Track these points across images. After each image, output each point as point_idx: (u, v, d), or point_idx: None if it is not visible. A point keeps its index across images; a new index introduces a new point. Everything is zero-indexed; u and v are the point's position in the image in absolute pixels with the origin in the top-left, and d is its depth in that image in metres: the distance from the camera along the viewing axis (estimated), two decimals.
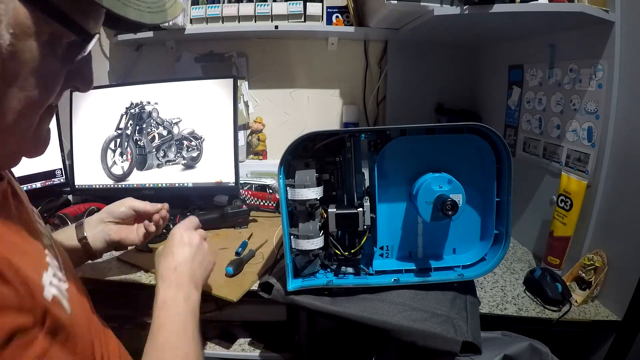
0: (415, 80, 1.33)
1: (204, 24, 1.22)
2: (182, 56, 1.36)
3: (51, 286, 0.37)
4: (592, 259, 0.78)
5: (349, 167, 0.67)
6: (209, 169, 1.16)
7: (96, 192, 1.22)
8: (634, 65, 0.72)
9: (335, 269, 0.71)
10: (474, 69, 1.32)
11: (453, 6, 0.79)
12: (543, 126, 0.96)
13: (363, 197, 0.67)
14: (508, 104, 1.11)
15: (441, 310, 0.63)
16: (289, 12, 1.19)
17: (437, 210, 0.61)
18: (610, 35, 0.74)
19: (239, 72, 1.35)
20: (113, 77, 1.41)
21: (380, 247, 0.71)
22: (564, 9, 0.74)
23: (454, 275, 0.68)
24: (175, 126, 1.18)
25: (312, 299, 0.66)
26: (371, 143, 0.67)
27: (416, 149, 0.67)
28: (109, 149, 1.20)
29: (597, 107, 0.78)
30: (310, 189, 0.62)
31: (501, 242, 0.67)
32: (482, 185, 0.67)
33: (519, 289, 0.83)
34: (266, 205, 1.25)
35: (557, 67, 0.90)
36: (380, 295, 0.66)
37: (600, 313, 0.75)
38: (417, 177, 0.66)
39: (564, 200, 0.84)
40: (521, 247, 1.04)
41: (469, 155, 0.66)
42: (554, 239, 0.87)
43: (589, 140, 0.81)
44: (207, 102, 1.16)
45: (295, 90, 1.39)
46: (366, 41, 1.33)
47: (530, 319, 0.74)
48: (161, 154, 1.19)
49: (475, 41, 1.26)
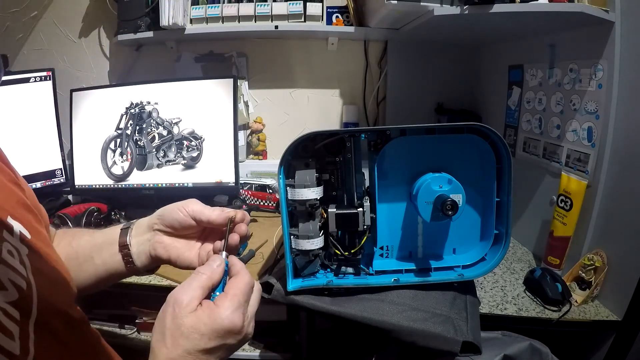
0: (415, 80, 1.33)
1: (204, 24, 1.22)
2: (182, 56, 1.36)
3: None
4: (592, 259, 0.78)
5: (349, 167, 0.67)
6: (209, 169, 1.16)
7: (96, 192, 1.22)
8: (634, 65, 0.72)
9: (335, 269, 0.71)
10: (474, 69, 1.32)
11: (453, 6, 0.79)
12: (543, 126, 0.96)
13: (363, 197, 0.67)
14: (508, 104, 1.11)
15: (441, 310, 0.63)
16: (289, 12, 1.19)
17: (437, 210, 0.61)
18: (610, 35, 0.74)
19: (239, 72, 1.35)
20: (113, 77, 1.41)
21: (380, 247, 0.71)
22: (564, 9, 0.74)
23: (454, 275, 0.68)
24: (175, 126, 1.18)
25: (312, 299, 0.66)
26: (371, 143, 0.67)
27: (416, 149, 0.67)
28: (109, 149, 1.20)
29: (597, 107, 0.78)
30: (310, 189, 0.62)
31: (501, 242, 0.67)
32: (482, 185, 0.67)
33: (519, 289, 0.83)
34: (266, 205, 1.25)
35: (557, 67, 0.90)
36: (380, 295, 0.66)
37: (600, 313, 0.75)
38: (417, 177, 0.65)
39: (564, 200, 0.84)
40: (521, 247, 1.04)
41: (469, 155, 0.66)
42: (554, 239, 0.87)
43: (589, 140, 0.81)
44: (207, 102, 1.16)
45: (295, 90, 1.39)
46: (366, 41, 1.33)
47: (530, 319, 0.75)
48: (161, 154, 1.19)
49: (475, 41, 1.26)
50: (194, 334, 0.37)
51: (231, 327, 0.38)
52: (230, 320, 0.38)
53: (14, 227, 0.38)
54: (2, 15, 1.35)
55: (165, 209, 0.52)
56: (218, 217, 0.50)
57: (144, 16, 1.19)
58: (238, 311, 0.39)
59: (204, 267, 0.42)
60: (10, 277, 0.33)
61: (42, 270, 0.38)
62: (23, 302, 0.33)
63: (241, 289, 0.41)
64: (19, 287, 0.33)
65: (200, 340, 0.37)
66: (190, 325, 0.37)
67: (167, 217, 0.51)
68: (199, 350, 0.37)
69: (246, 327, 0.40)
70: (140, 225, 0.53)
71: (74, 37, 1.38)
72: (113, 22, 1.27)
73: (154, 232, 0.52)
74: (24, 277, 0.35)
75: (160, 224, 0.52)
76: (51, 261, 0.42)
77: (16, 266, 0.34)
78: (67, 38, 1.38)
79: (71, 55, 1.40)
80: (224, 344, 0.38)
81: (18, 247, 0.37)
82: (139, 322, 1.08)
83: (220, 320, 0.38)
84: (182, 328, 0.37)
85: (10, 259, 0.34)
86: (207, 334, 0.37)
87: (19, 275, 0.34)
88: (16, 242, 0.37)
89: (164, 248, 0.52)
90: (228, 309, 0.39)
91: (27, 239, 0.39)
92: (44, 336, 0.34)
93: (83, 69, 1.41)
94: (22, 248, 0.37)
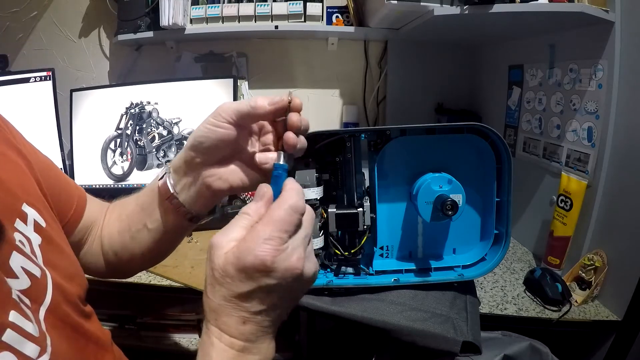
0: (415, 80, 1.33)
1: (204, 24, 1.22)
2: (182, 56, 1.36)
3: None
4: (592, 259, 0.78)
5: (349, 167, 0.67)
6: None
7: (96, 192, 1.22)
8: (634, 65, 0.72)
9: (335, 269, 0.70)
10: (474, 69, 1.32)
11: (453, 6, 0.79)
12: (543, 126, 0.96)
13: (363, 197, 0.67)
14: (508, 104, 1.11)
15: (441, 310, 0.63)
16: (289, 12, 1.19)
17: (437, 210, 0.61)
18: (610, 35, 0.74)
19: (239, 72, 1.35)
20: (113, 77, 1.41)
21: (380, 247, 0.71)
22: (564, 9, 0.74)
23: (454, 275, 0.68)
24: (175, 126, 1.18)
25: (312, 299, 0.66)
26: (371, 143, 0.67)
27: (416, 149, 0.67)
28: (109, 149, 1.20)
29: (597, 107, 0.78)
30: (310, 189, 0.62)
31: (501, 242, 0.67)
32: (482, 185, 0.67)
33: (519, 289, 0.83)
34: None
35: (557, 67, 0.90)
36: (380, 295, 0.66)
37: (600, 313, 0.75)
38: (417, 177, 0.65)
39: (564, 200, 0.84)
40: (521, 247, 1.04)
41: (469, 155, 0.66)
42: (554, 239, 0.87)
43: (589, 140, 0.81)
44: (207, 102, 1.15)
45: (295, 90, 1.38)
46: (366, 41, 1.33)
47: (530, 319, 0.75)
48: (161, 154, 1.19)
49: (475, 41, 1.26)
50: (225, 277, 0.32)
51: (256, 264, 0.31)
52: (255, 256, 0.31)
53: (29, 215, 0.36)
54: (2, 15, 1.35)
55: (196, 134, 0.41)
56: (267, 108, 0.38)
57: (144, 16, 1.19)
58: (268, 243, 0.31)
59: (247, 207, 0.35)
60: (23, 264, 0.32)
61: (54, 261, 0.37)
62: (35, 290, 0.32)
63: (278, 216, 0.32)
64: (31, 275, 0.33)
65: (232, 284, 0.32)
66: (220, 268, 0.32)
67: (204, 143, 0.40)
68: (234, 295, 0.32)
69: (282, 261, 0.31)
70: (178, 169, 0.44)
71: (74, 37, 1.38)
72: (113, 22, 1.27)
73: (197, 168, 0.43)
74: (37, 265, 0.34)
75: (201, 156, 0.42)
76: (64, 252, 0.40)
77: (28, 254, 0.34)
78: (67, 38, 1.38)
79: (71, 55, 1.40)
80: (258, 286, 0.31)
81: (31, 236, 0.35)
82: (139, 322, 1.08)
83: (243, 257, 0.31)
84: (215, 272, 0.32)
85: (22, 247, 0.33)
86: (235, 274, 0.31)
87: (32, 262, 0.33)
88: (29, 232, 0.35)
89: (219, 179, 0.42)
90: (254, 241, 0.31)
91: (42, 227, 0.37)
92: (56, 324, 0.33)
93: (83, 69, 1.41)
94: (35, 237, 0.36)
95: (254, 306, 0.32)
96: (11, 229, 0.33)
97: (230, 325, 0.32)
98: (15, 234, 0.33)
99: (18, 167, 0.39)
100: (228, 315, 0.32)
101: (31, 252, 0.34)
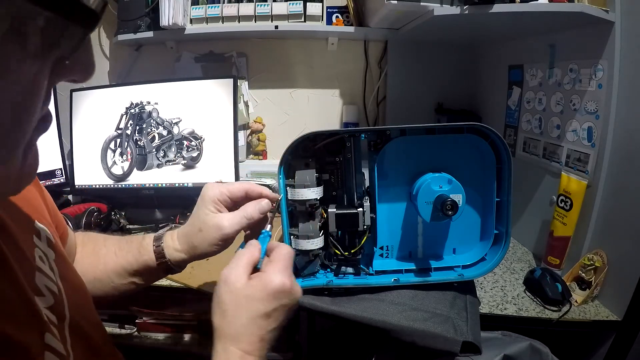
0: (415, 80, 1.33)
1: (204, 24, 1.22)
2: (182, 56, 1.36)
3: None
4: (592, 259, 0.78)
5: (349, 167, 0.67)
6: (209, 169, 1.16)
7: (96, 192, 1.22)
8: (634, 65, 0.72)
9: (335, 269, 0.70)
10: (474, 69, 1.32)
11: (453, 6, 0.79)
12: (543, 126, 0.96)
13: (363, 197, 0.67)
14: (508, 104, 1.11)
15: (441, 310, 0.63)
16: (289, 12, 1.19)
17: (437, 210, 0.61)
18: (610, 35, 0.74)
19: (239, 72, 1.35)
20: (113, 77, 1.41)
21: (380, 247, 0.71)
22: (564, 9, 0.74)
23: (454, 275, 0.68)
24: (175, 126, 1.18)
25: (312, 299, 0.66)
26: (371, 143, 0.67)
27: (416, 149, 0.67)
28: (109, 149, 1.20)
29: (597, 107, 0.78)
30: (310, 189, 0.62)
31: (501, 242, 0.67)
32: (482, 185, 0.67)
33: (519, 289, 0.83)
34: None
35: (557, 67, 0.90)
36: (380, 295, 0.66)
37: (600, 313, 0.75)
38: (417, 177, 0.65)
39: (564, 200, 0.84)
40: (521, 247, 1.04)
41: (469, 155, 0.66)
42: (554, 239, 0.87)
43: (589, 140, 0.81)
44: (207, 102, 1.16)
45: (295, 90, 1.39)
46: (366, 41, 1.33)
47: (530, 319, 0.75)
48: (161, 154, 1.19)
49: (475, 41, 1.26)
50: (252, 302, 0.40)
51: (282, 287, 0.41)
52: (281, 280, 0.41)
53: (41, 232, 0.39)
54: None
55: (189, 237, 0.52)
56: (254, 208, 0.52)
57: (144, 16, 1.19)
58: (285, 272, 0.42)
59: (242, 251, 0.45)
60: (45, 283, 0.35)
61: (66, 275, 0.40)
62: (58, 307, 0.35)
63: (284, 255, 0.44)
64: (53, 292, 0.35)
65: (260, 305, 0.40)
66: (246, 295, 0.40)
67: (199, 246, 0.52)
68: (259, 315, 0.40)
69: (294, 285, 0.43)
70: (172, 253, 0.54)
71: None
72: (113, 22, 1.27)
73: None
74: (54, 282, 0.36)
75: (193, 253, 0.53)
76: (70, 265, 0.43)
77: (47, 272, 0.36)
78: None
79: None
80: (279, 304, 0.41)
81: (47, 252, 0.38)
82: (139, 322, 1.08)
83: (271, 283, 0.41)
84: (240, 300, 0.40)
85: (42, 265, 0.36)
86: (264, 298, 0.40)
87: (51, 280, 0.36)
88: (45, 247, 0.38)
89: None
90: (276, 272, 0.42)
91: (53, 243, 0.40)
92: (76, 339, 0.35)
93: None
94: (50, 252, 0.39)
95: (270, 324, 0.41)
96: (32, 246, 0.36)
97: (252, 343, 0.39)
98: (35, 249, 0.36)
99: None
100: (250, 335, 0.39)
101: (50, 268, 0.37)
